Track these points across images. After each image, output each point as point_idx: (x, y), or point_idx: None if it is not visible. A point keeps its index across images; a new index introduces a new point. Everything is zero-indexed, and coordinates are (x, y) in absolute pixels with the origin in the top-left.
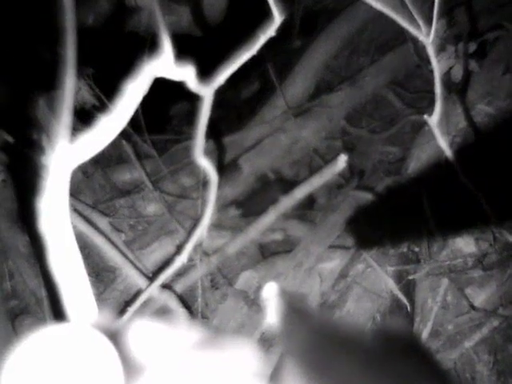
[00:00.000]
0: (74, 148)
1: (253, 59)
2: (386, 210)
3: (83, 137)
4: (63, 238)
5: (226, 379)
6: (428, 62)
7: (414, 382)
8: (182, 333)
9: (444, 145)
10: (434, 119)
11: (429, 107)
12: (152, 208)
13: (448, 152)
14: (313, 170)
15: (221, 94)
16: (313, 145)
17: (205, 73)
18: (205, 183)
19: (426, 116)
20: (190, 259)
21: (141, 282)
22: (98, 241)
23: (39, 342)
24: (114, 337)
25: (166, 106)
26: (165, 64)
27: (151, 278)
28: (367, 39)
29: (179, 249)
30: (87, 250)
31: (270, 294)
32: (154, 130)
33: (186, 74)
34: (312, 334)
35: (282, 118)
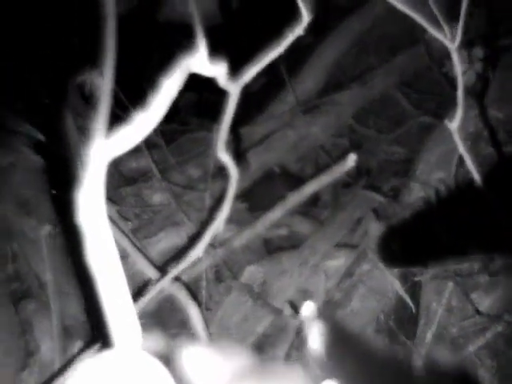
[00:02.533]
0: (110, 142)
1: (260, 52)
2: (393, 210)
3: (118, 131)
4: (101, 234)
5: None
6: (440, 64)
7: None
8: (234, 360)
9: (463, 150)
10: (454, 125)
11: (437, 109)
12: (158, 198)
13: (467, 157)
14: (318, 167)
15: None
16: (320, 142)
17: (233, 69)
18: (213, 175)
19: (446, 121)
20: None
21: (150, 271)
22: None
23: (93, 370)
24: (167, 361)
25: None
26: (199, 60)
27: (161, 268)
28: (376, 38)
29: (190, 241)
30: None
31: (310, 315)
32: (161, 120)
33: (218, 70)
34: (361, 359)
35: (291, 113)
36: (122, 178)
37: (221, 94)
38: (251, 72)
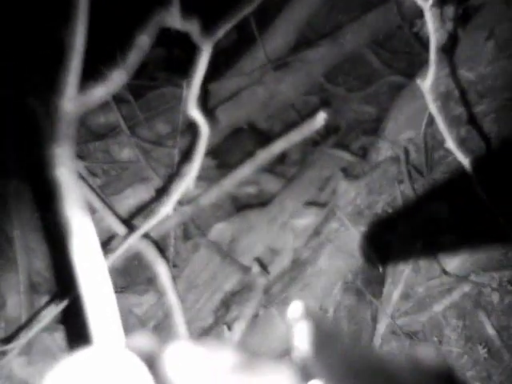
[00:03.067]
0: (82, 96)
1: (232, 9)
2: (361, 169)
3: (90, 86)
4: (74, 188)
5: None
6: (410, 23)
7: None
8: (220, 356)
9: (435, 110)
10: (426, 84)
11: (407, 68)
12: (126, 153)
13: (438, 117)
14: (288, 125)
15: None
16: (290, 99)
17: (205, 25)
18: (182, 132)
19: (418, 80)
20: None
21: (117, 227)
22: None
23: (73, 367)
24: (151, 359)
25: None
26: (172, 15)
27: (129, 224)
28: None
29: (158, 197)
30: None
31: (297, 314)
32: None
33: (191, 26)
34: (347, 359)
35: (261, 70)
36: (90, 133)
37: (190, 50)
38: (224, 28)
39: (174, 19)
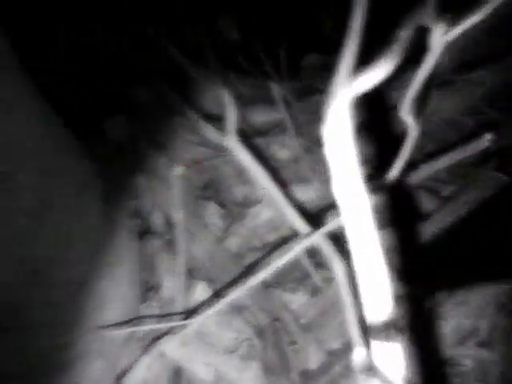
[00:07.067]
0: (354, 80)
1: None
2: None
3: (362, 71)
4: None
5: None
6: None
7: None
8: None
9: None
10: None
11: None
12: (286, 153)
13: None
14: (440, 144)
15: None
16: (449, 118)
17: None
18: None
19: None
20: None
21: (298, 224)
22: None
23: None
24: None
25: (298, 56)
26: (428, 15)
27: (310, 220)
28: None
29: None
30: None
31: (365, 364)
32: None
33: (435, 25)
34: None
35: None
36: (253, 130)
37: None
38: (462, 27)
39: (428, 18)
